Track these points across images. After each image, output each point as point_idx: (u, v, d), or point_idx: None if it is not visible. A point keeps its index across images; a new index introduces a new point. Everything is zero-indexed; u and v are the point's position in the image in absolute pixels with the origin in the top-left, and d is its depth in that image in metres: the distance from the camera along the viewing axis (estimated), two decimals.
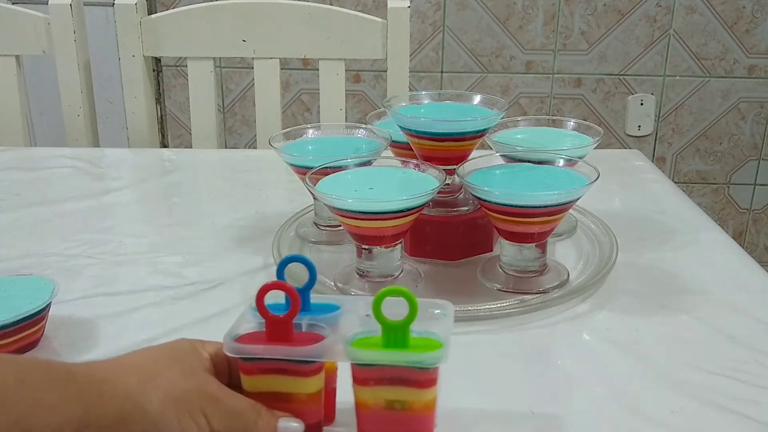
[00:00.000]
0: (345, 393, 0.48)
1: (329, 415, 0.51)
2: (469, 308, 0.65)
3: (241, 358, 0.46)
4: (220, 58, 1.59)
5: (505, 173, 0.72)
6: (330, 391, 0.50)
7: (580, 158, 0.71)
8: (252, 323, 0.48)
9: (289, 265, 0.50)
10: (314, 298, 0.50)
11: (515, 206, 0.65)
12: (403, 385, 0.45)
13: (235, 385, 0.47)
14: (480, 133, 0.73)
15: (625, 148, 2.06)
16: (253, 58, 1.22)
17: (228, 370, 0.48)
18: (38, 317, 0.59)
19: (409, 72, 1.22)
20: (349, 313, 0.49)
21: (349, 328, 0.47)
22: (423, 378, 0.44)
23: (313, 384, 0.47)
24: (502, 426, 0.52)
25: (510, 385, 0.56)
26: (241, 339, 0.47)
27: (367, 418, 0.46)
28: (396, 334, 0.44)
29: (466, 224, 0.74)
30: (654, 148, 2.16)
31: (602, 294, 0.69)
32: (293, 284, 0.49)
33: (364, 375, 0.45)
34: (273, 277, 0.71)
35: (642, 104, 2.10)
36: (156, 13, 1.22)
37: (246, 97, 2.10)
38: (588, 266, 0.73)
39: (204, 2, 1.26)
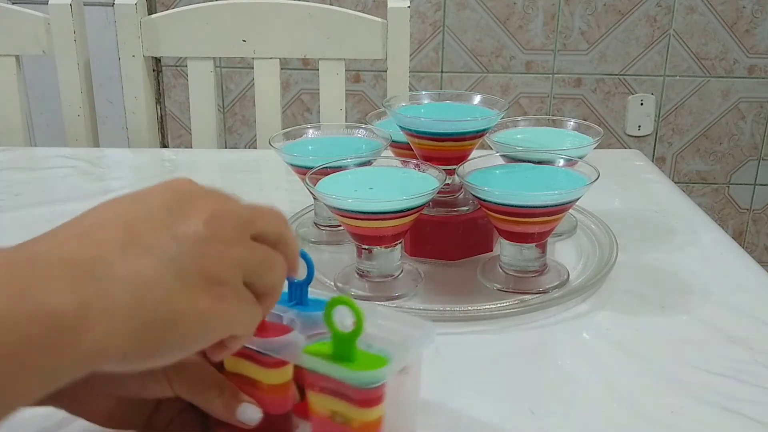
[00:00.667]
0: None
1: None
2: (469, 308, 0.65)
3: None
4: (220, 58, 1.59)
5: (505, 173, 0.72)
6: None
7: (580, 158, 0.71)
8: None
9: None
10: (314, 294, 0.50)
11: (515, 206, 0.65)
12: (343, 399, 0.43)
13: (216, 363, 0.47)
14: (480, 133, 0.73)
15: (625, 148, 2.06)
16: (253, 58, 1.22)
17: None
18: None
19: (409, 72, 1.23)
20: (339, 313, 0.49)
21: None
22: (360, 396, 0.43)
23: (276, 376, 0.46)
24: (502, 426, 0.52)
25: (510, 385, 0.56)
26: None
27: (316, 422, 0.46)
28: (343, 346, 0.43)
29: (466, 224, 0.74)
30: (654, 148, 2.16)
31: (602, 294, 0.69)
32: (293, 279, 0.49)
33: (311, 379, 0.45)
34: None
35: (642, 104, 2.10)
36: (156, 13, 1.22)
37: (246, 97, 2.10)
38: (588, 266, 0.73)
39: (204, 2, 1.26)
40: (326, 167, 0.69)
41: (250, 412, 0.46)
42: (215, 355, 0.42)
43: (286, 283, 0.46)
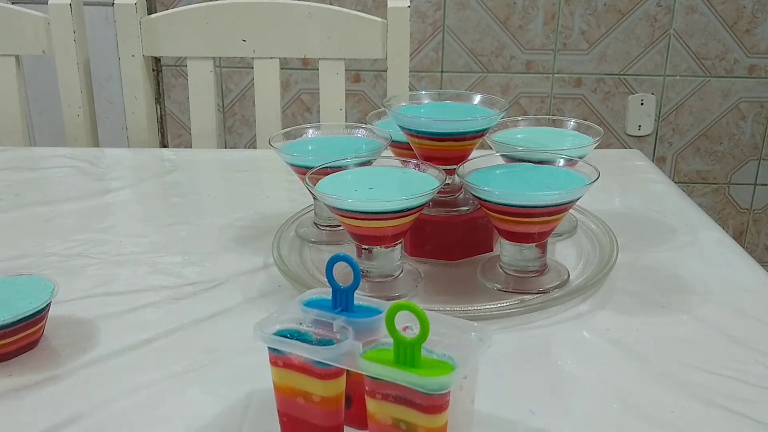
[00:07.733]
0: None
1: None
2: (469, 308, 0.65)
3: (269, 348, 0.46)
4: (220, 58, 1.59)
5: (505, 173, 0.72)
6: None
7: (580, 158, 0.71)
8: (289, 315, 0.48)
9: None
10: (360, 299, 0.50)
11: (515, 206, 0.65)
12: (408, 406, 0.43)
13: None
14: (480, 133, 0.73)
15: (625, 148, 2.06)
16: (253, 58, 1.22)
17: None
18: (38, 317, 0.59)
19: (409, 72, 1.22)
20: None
21: (379, 336, 0.46)
22: (426, 403, 0.42)
23: (331, 387, 0.46)
24: (502, 426, 0.52)
25: (510, 385, 0.56)
26: None
27: (376, 430, 0.45)
28: (406, 352, 0.43)
29: (466, 224, 0.74)
30: (654, 148, 2.16)
31: (602, 294, 0.69)
32: (339, 285, 0.48)
33: (372, 387, 0.44)
34: (273, 277, 0.72)
35: (642, 104, 2.10)
36: (156, 13, 1.22)
37: (246, 97, 2.10)
38: (588, 266, 0.73)
39: (204, 2, 1.26)
40: (326, 167, 0.69)
41: None
42: None
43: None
